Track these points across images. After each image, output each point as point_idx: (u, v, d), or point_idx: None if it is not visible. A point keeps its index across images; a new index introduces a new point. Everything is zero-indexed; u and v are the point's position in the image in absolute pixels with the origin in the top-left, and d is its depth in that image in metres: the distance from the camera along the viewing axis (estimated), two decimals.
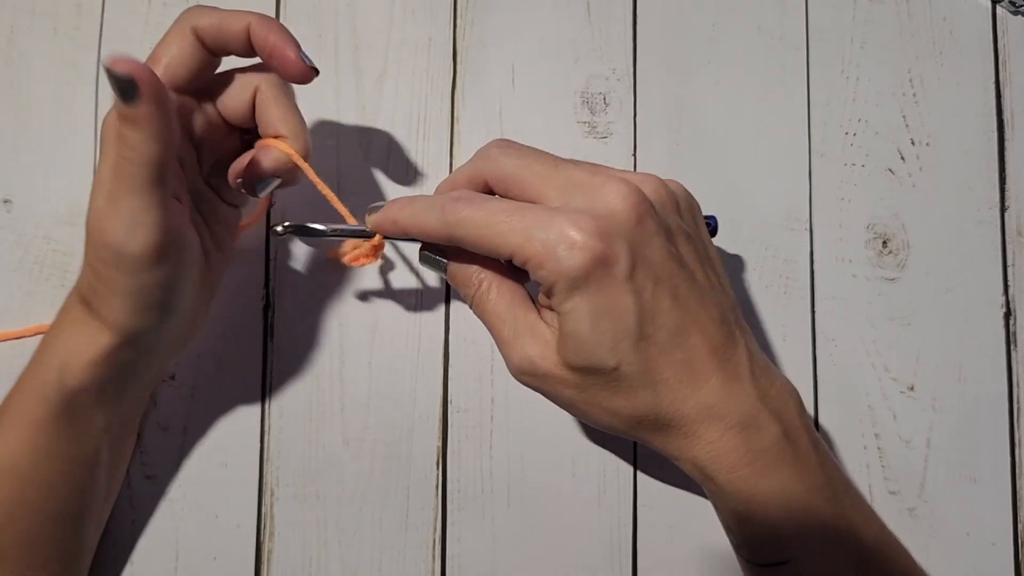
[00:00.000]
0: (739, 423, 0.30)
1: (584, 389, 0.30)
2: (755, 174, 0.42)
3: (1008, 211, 0.42)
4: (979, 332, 0.41)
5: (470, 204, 0.30)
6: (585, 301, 0.28)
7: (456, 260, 0.32)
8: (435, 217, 0.30)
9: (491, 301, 0.31)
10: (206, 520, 0.38)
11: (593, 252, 0.28)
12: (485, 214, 0.29)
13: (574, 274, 0.28)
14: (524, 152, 0.31)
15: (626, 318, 0.28)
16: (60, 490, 0.33)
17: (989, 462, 0.41)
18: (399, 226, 0.32)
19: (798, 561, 0.30)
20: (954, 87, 0.43)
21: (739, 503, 0.30)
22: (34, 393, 0.32)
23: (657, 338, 0.29)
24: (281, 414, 0.39)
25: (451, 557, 0.39)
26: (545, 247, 0.28)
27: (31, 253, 0.39)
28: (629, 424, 0.30)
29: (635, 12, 0.42)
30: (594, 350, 0.29)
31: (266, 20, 0.31)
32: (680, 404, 0.29)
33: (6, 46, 0.40)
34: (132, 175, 0.28)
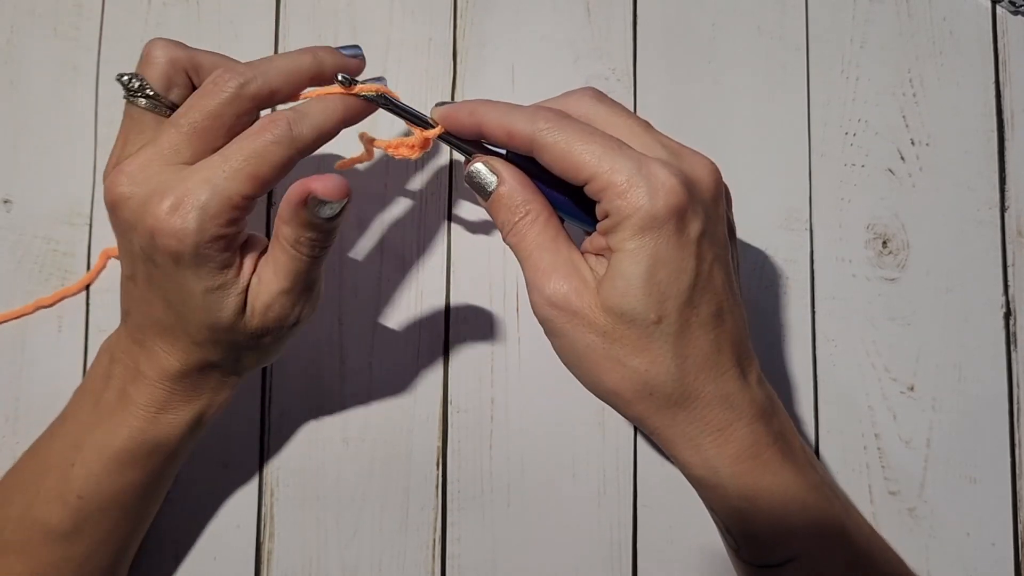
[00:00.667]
0: (748, 417, 0.30)
1: (611, 338, 0.29)
2: (755, 174, 0.42)
3: (1008, 211, 0.42)
4: (979, 332, 0.41)
5: (565, 117, 0.29)
6: (651, 245, 0.28)
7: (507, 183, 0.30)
8: (523, 120, 0.29)
9: (536, 231, 0.30)
10: (206, 520, 0.38)
11: (678, 200, 0.27)
12: (579, 129, 0.29)
13: (653, 213, 0.27)
14: (616, 106, 0.31)
15: (683, 277, 0.28)
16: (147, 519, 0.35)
17: (989, 462, 0.41)
18: (476, 119, 0.30)
19: (800, 560, 0.30)
20: (954, 87, 0.43)
21: (742, 498, 0.30)
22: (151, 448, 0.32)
23: (701, 311, 0.29)
24: (281, 414, 0.39)
25: (451, 557, 0.39)
26: (632, 179, 0.27)
27: (31, 253, 0.39)
28: (639, 390, 0.29)
29: (635, 12, 0.42)
30: (643, 296, 0.28)
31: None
32: (700, 385, 0.29)
33: (6, 46, 0.40)
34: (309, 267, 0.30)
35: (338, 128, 0.31)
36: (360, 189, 0.40)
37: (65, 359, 0.39)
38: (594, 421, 0.40)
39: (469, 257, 0.40)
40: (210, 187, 0.28)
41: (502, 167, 0.30)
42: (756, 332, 0.41)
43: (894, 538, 0.39)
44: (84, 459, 0.32)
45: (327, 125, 0.30)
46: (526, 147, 0.29)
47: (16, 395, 0.38)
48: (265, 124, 0.29)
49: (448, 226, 0.41)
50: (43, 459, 0.33)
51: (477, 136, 0.31)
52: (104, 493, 0.32)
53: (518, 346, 0.40)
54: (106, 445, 0.32)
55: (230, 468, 0.39)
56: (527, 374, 0.40)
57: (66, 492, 0.32)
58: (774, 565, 0.31)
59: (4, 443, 0.38)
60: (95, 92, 0.40)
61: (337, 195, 0.28)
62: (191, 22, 0.41)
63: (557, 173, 0.29)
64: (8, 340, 0.39)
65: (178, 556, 0.38)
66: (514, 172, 0.31)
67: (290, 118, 0.29)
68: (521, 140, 0.29)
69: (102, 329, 0.39)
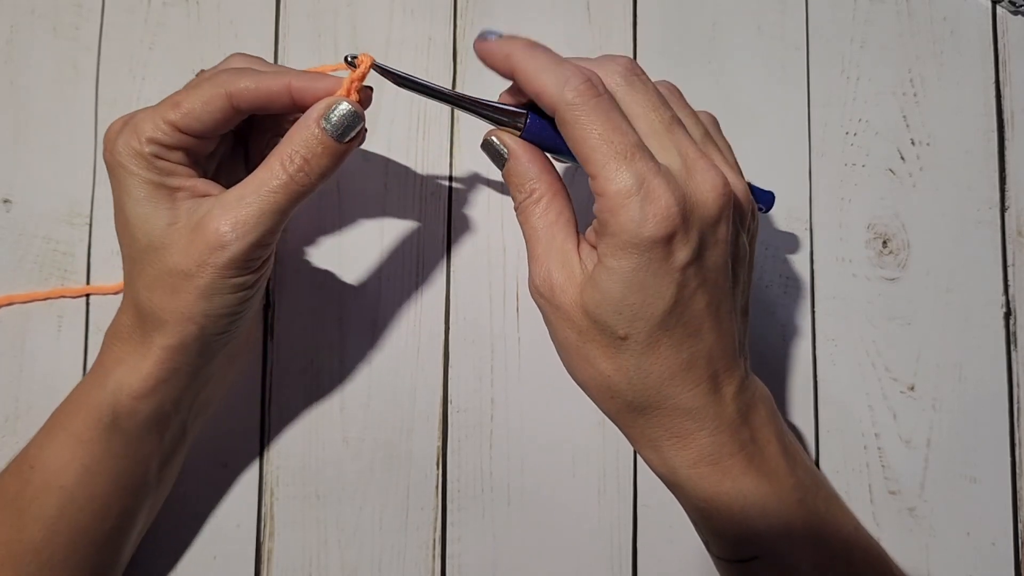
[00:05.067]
0: (711, 428, 0.30)
1: (584, 338, 0.30)
2: (755, 174, 0.42)
3: (1008, 211, 0.42)
4: (979, 332, 0.41)
5: (594, 97, 0.28)
6: (632, 267, 0.28)
7: (516, 160, 0.30)
8: (553, 84, 0.28)
9: (536, 214, 0.30)
10: (206, 520, 0.38)
11: (667, 230, 0.27)
12: (601, 118, 0.28)
13: (638, 239, 0.27)
14: (650, 92, 0.30)
15: (657, 303, 0.28)
16: (105, 511, 0.32)
17: (989, 462, 0.41)
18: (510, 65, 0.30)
19: (764, 558, 0.31)
20: (954, 87, 0.43)
21: (701, 500, 0.31)
22: (87, 409, 0.31)
23: (674, 332, 0.29)
24: (281, 414, 0.39)
25: (451, 557, 0.39)
26: (628, 199, 0.27)
27: (31, 253, 0.39)
28: (602, 391, 0.30)
29: (635, 12, 0.42)
30: (613, 312, 0.28)
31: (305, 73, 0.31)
32: (662, 398, 0.30)
33: (6, 46, 0.40)
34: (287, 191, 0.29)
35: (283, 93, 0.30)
36: (360, 189, 0.40)
37: (65, 359, 0.39)
38: (594, 421, 0.40)
39: (469, 257, 0.40)
40: (143, 112, 0.30)
41: (512, 143, 0.31)
42: (756, 332, 0.41)
43: (894, 538, 0.39)
44: (43, 429, 0.32)
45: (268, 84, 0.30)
46: (549, 111, 0.29)
47: (16, 395, 0.38)
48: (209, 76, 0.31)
49: (448, 226, 0.41)
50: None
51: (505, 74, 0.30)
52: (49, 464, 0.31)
53: (518, 346, 0.40)
54: (58, 412, 0.32)
55: (230, 468, 0.39)
56: (527, 374, 0.40)
57: (23, 462, 0.32)
58: (739, 560, 0.31)
59: (4, 443, 0.38)
60: (95, 92, 0.40)
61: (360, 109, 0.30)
62: (191, 22, 0.41)
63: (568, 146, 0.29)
64: (8, 340, 0.39)
65: (178, 556, 0.38)
66: (524, 149, 0.30)
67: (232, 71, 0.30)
68: (546, 104, 0.29)
69: (102, 329, 0.39)
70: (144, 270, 0.30)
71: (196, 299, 0.30)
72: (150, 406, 0.32)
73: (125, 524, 0.34)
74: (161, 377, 0.31)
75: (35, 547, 0.31)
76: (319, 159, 0.30)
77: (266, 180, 0.29)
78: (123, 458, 0.32)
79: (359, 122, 0.30)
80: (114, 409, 0.31)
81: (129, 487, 0.33)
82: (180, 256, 0.29)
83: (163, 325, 0.30)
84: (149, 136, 0.30)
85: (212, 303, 0.30)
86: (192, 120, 0.30)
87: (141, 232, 0.30)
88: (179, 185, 0.30)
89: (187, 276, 0.29)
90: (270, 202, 0.29)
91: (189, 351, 0.31)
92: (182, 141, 0.30)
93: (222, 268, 0.29)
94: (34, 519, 0.31)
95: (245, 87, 0.30)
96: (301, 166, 0.29)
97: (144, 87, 0.40)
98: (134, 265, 0.31)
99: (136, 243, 0.30)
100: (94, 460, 0.31)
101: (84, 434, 0.31)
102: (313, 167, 0.30)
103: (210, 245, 0.29)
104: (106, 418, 0.31)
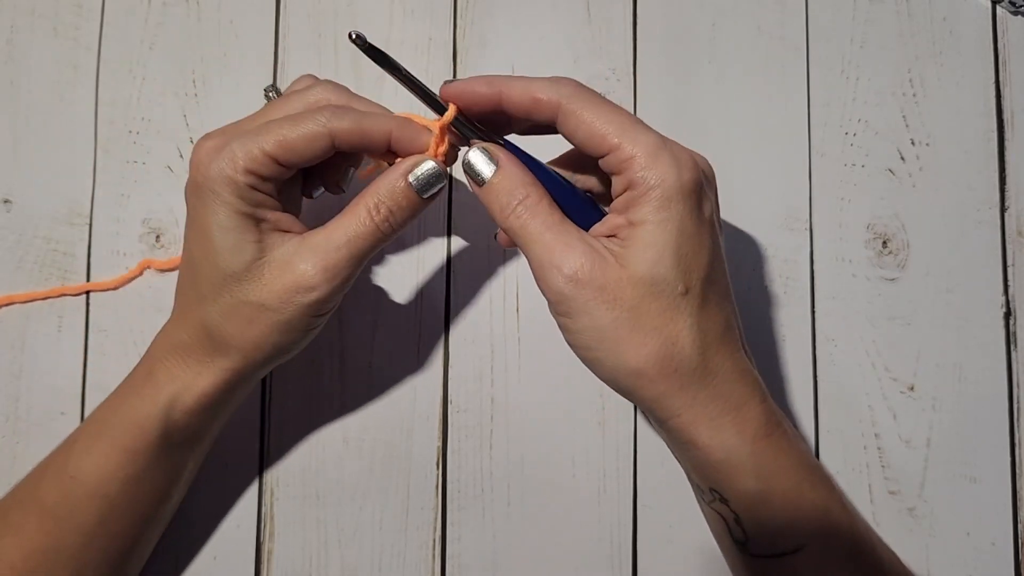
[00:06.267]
0: (760, 395, 0.30)
1: (638, 312, 0.28)
2: (755, 174, 0.42)
3: (1008, 211, 0.42)
4: (979, 332, 0.41)
5: (586, 89, 0.30)
6: (678, 217, 0.28)
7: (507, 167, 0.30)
8: (548, 86, 0.30)
9: (542, 211, 0.30)
10: (206, 520, 0.38)
11: (699, 178, 0.29)
12: (603, 101, 0.29)
13: (679, 187, 0.28)
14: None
15: (703, 252, 0.29)
16: (142, 519, 0.34)
17: (989, 462, 0.41)
18: (495, 89, 0.30)
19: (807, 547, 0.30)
20: (954, 87, 0.43)
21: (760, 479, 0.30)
22: (134, 424, 0.32)
23: (717, 287, 0.30)
24: (281, 414, 0.39)
25: (451, 557, 0.39)
26: (659, 153, 0.28)
27: (31, 253, 0.39)
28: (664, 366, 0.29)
29: (635, 12, 0.42)
30: (672, 266, 0.28)
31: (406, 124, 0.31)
32: (720, 360, 0.29)
33: (6, 46, 0.40)
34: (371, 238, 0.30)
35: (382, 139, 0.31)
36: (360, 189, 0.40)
37: (65, 359, 0.39)
38: (594, 421, 0.40)
39: (469, 257, 0.40)
40: (242, 138, 0.30)
41: (501, 153, 0.31)
42: (756, 332, 0.41)
43: (894, 538, 0.39)
44: (82, 435, 0.32)
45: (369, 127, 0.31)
46: (551, 113, 0.30)
47: (16, 395, 0.38)
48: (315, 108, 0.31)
49: (448, 226, 0.41)
50: (64, 442, 0.33)
51: (491, 107, 0.31)
52: (92, 474, 0.32)
53: (518, 346, 0.40)
54: (100, 420, 0.32)
55: (230, 468, 0.39)
56: (527, 374, 0.40)
57: (62, 471, 0.32)
58: (779, 555, 0.31)
59: (4, 443, 0.38)
60: (95, 92, 0.40)
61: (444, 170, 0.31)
62: (191, 22, 0.41)
63: (578, 142, 0.29)
64: (8, 340, 0.39)
65: (178, 556, 0.38)
66: (513, 158, 0.31)
67: (338, 108, 0.31)
68: (547, 106, 0.29)
69: (102, 329, 0.39)
70: (221, 296, 0.30)
71: (272, 332, 0.31)
72: (199, 423, 0.33)
73: (154, 529, 0.35)
74: (217, 398, 0.32)
75: (72, 554, 0.32)
76: (402, 211, 0.31)
77: (354, 227, 0.30)
78: (165, 470, 0.33)
79: (442, 180, 0.31)
80: (166, 425, 0.32)
81: (165, 495, 0.34)
82: (265, 292, 0.30)
83: (231, 350, 0.31)
84: (247, 167, 0.29)
85: (286, 338, 0.31)
86: (292, 155, 0.30)
87: (224, 260, 0.30)
88: (265, 217, 0.31)
89: (268, 310, 0.30)
90: (357, 248, 0.30)
91: (248, 376, 0.32)
92: (277, 173, 0.30)
93: (306, 308, 0.30)
94: (73, 528, 0.32)
95: (349, 129, 0.30)
96: (387, 216, 0.31)
97: (144, 87, 0.40)
98: (208, 289, 0.31)
99: (217, 270, 0.30)
100: (138, 471, 0.32)
101: (131, 446, 0.32)
102: (396, 218, 0.31)
103: (299, 287, 0.30)
104: (156, 432, 0.32)
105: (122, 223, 0.40)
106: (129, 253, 0.40)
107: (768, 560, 0.31)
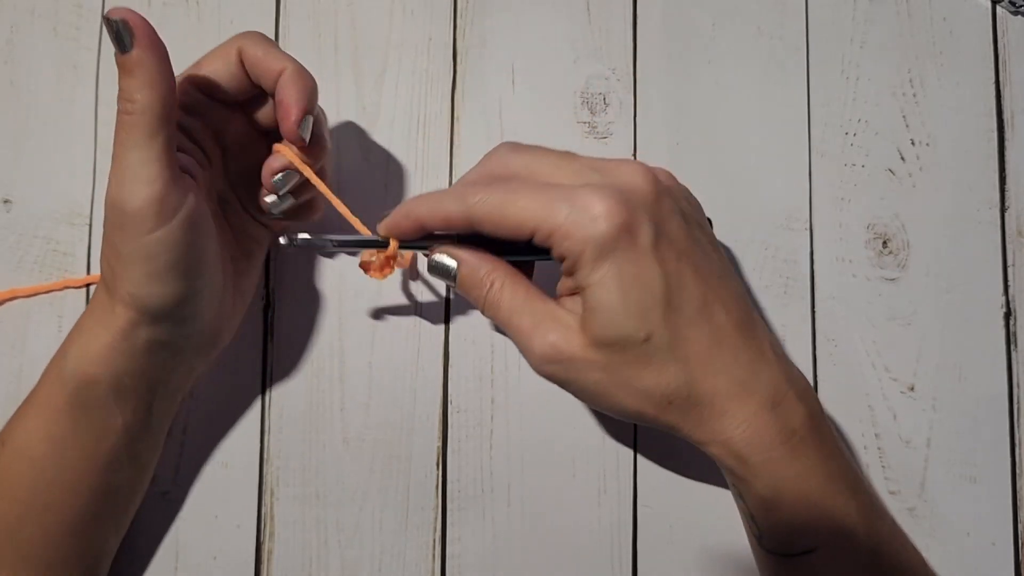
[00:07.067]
0: (771, 400, 0.30)
1: (612, 369, 0.29)
2: (755, 174, 0.42)
3: (1008, 211, 0.42)
4: (979, 332, 0.41)
5: (490, 186, 0.30)
6: (614, 269, 0.28)
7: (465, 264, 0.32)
8: (453, 202, 0.30)
9: (506, 297, 0.31)
10: (206, 520, 0.38)
11: (619, 219, 0.28)
12: (506, 192, 0.29)
13: (602, 240, 0.28)
14: (534, 149, 0.32)
15: (654, 287, 0.29)
16: (77, 487, 0.32)
17: (989, 462, 0.41)
18: (414, 219, 0.31)
19: (821, 549, 0.30)
20: (954, 87, 0.43)
21: (769, 487, 0.30)
22: (53, 379, 0.32)
23: (685, 310, 0.29)
24: (281, 414, 0.39)
25: (451, 557, 0.39)
26: (570, 218, 0.28)
27: (31, 253, 0.39)
28: (659, 405, 0.30)
29: (635, 12, 0.42)
30: (624, 320, 0.28)
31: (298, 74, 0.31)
32: (712, 379, 0.29)
33: (6, 46, 0.40)
34: (131, 126, 0.28)
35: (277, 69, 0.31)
36: (361, 189, 0.40)
37: None
38: (594, 421, 0.40)
39: None
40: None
41: (457, 250, 0.32)
42: None
43: None
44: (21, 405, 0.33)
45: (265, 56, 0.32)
46: (466, 226, 0.30)
47: (16, 395, 0.38)
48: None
49: None
50: None
51: (421, 233, 0.32)
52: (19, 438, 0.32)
53: None
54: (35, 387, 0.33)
55: (230, 468, 0.39)
56: (527, 374, 0.40)
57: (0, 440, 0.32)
58: (796, 554, 0.31)
59: None
60: (95, 92, 0.40)
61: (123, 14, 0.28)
62: (191, 22, 0.41)
63: (503, 237, 0.30)
64: (8, 339, 0.39)
65: (178, 556, 0.38)
66: (470, 251, 0.32)
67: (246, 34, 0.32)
68: (459, 221, 0.30)
69: None
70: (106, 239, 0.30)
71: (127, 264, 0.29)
72: (108, 373, 0.31)
73: (100, 507, 0.33)
74: (116, 346, 0.31)
75: (9, 527, 0.31)
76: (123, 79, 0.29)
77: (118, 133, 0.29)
78: (88, 430, 0.32)
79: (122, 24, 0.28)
80: (75, 376, 0.31)
81: (98, 463, 0.33)
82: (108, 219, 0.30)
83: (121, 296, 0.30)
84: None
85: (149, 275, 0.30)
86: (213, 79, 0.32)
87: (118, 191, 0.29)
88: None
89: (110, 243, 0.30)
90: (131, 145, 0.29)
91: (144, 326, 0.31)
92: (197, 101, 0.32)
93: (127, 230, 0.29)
94: (6, 496, 0.31)
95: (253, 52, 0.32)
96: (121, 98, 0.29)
97: None
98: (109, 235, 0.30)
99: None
100: (60, 430, 0.32)
101: (49, 403, 0.32)
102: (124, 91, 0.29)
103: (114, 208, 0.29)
104: (69, 385, 0.31)
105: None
106: None
107: (782, 557, 0.31)
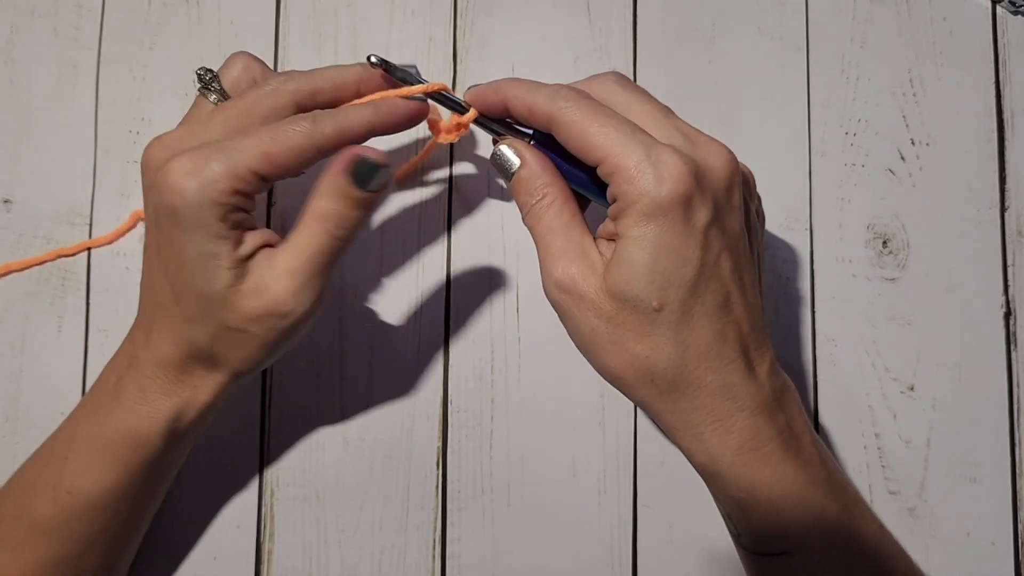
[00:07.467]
0: (751, 409, 0.30)
1: (614, 323, 0.29)
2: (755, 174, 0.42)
3: (1008, 211, 0.42)
4: (979, 332, 0.41)
5: (585, 98, 0.30)
6: (655, 232, 0.28)
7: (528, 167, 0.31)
8: (545, 97, 0.30)
9: (551, 214, 0.31)
10: (206, 520, 0.38)
11: (685, 189, 0.28)
12: (595, 113, 0.29)
13: (658, 200, 0.28)
14: (639, 91, 0.31)
15: (687, 267, 0.28)
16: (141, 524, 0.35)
17: (989, 462, 0.41)
18: (502, 96, 0.31)
19: (797, 553, 0.30)
20: (954, 87, 0.43)
21: (741, 490, 0.30)
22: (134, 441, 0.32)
23: (705, 299, 0.29)
24: (281, 414, 0.39)
25: (451, 557, 0.39)
26: (640, 166, 0.28)
27: (31, 253, 0.39)
28: (641, 376, 0.29)
29: (635, 12, 0.42)
30: (646, 283, 0.28)
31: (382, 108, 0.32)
32: (701, 374, 0.29)
33: (6, 46, 0.40)
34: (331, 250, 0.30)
35: (365, 132, 0.31)
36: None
37: (65, 359, 0.39)
38: (594, 421, 0.40)
39: (469, 257, 0.40)
40: (222, 155, 0.28)
41: (525, 150, 0.31)
42: None
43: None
44: (76, 452, 0.32)
45: (350, 126, 0.31)
46: (545, 124, 0.30)
47: (16, 395, 0.38)
48: (292, 117, 0.30)
49: (448, 226, 0.41)
50: (43, 454, 0.33)
51: (503, 113, 0.32)
52: (91, 490, 0.32)
53: (518, 346, 0.40)
54: (94, 437, 0.32)
55: (230, 468, 0.39)
56: (527, 374, 0.40)
57: (57, 486, 0.32)
58: (772, 555, 0.31)
59: (4, 443, 0.38)
60: (95, 92, 0.40)
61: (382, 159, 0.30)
62: (191, 22, 0.41)
63: (572, 152, 0.30)
64: (8, 340, 0.39)
65: (178, 556, 0.38)
66: (536, 156, 0.31)
67: (316, 114, 0.30)
68: (541, 116, 0.30)
69: (102, 329, 0.39)
70: (205, 320, 0.30)
71: (259, 351, 0.31)
72: (200, 429, 0.33)
73: (145, 529, 0.36)
74: (217, 405, 0.33)
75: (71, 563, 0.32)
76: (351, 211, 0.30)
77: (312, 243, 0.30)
78: (163, 474, 0.34)
79: (380, 169, 0.30)
80: (169, 440, 0.32)
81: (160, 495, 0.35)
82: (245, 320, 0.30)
83: (224, 367, 0.32)
84: (233, 187, 0.29)
85: (275, 353, 0.32)
86: (278, 169, 0.29)
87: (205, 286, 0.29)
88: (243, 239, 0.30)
89: (251, 335, 0.30)
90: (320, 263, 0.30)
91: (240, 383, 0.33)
92: (261, 189, 0.30)
93: (286, 331, 0.31)
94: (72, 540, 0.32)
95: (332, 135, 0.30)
96: (338, 222, 0.30)
97: (144, 87, 0.40)
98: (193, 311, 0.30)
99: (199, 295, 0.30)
100: (139, 482, 0.32)
101: (133, 462, 0.32)
102: (348, 221, 0.30)
103: (274, 313, 0.30)
104: (160, 448, 0.32)
105: (122, 223, 0.40)
106: (129, 253, 0.40)
107: (761, 556, 0.32)
